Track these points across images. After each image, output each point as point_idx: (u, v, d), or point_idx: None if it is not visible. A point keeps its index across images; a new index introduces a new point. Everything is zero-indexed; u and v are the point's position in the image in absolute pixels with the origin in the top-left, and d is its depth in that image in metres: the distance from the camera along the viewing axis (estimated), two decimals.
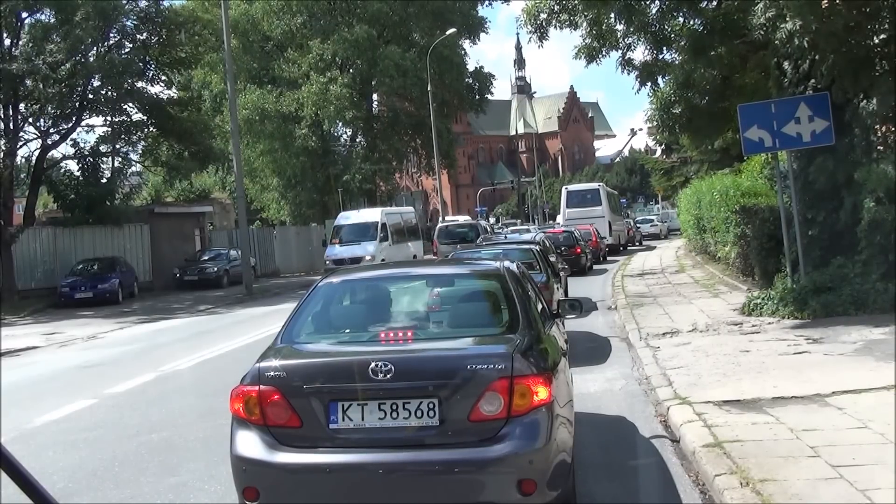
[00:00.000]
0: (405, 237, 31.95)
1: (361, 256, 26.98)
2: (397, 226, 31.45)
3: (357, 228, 29.61)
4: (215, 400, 7.91)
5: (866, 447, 5.17)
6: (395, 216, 32.38)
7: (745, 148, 12.23)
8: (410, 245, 32.04)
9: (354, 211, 33.40)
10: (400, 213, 34.27)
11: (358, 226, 29.74)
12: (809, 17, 9.38)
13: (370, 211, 32.55)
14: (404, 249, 30.48)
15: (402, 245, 30.72)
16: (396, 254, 28.64)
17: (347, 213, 31.98)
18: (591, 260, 26.82)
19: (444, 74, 47.08)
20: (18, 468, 1.62)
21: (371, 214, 30.91)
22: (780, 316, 11.04)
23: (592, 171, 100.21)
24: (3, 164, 27.26)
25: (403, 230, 32.04)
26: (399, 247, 30.13)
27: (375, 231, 29.04)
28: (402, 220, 32.82)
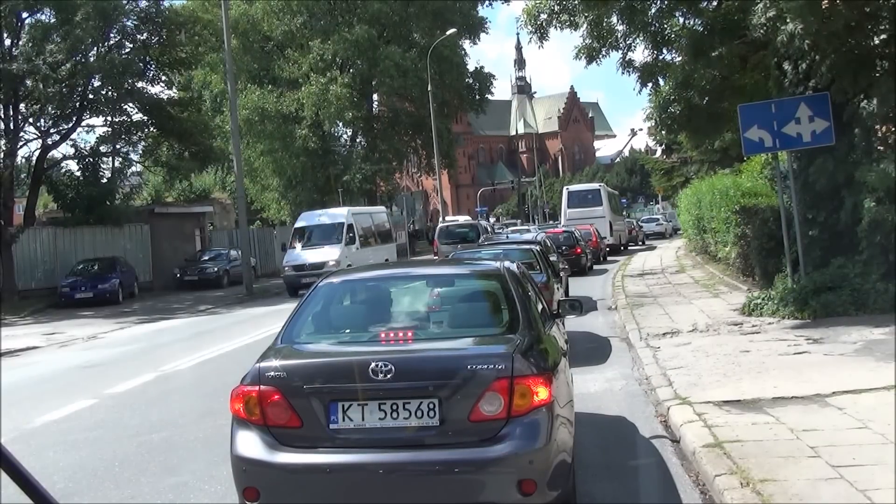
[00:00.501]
0: (376, 240, 29.35)
1: (324, 262, 24.30)
2: (367, 228, 28.87)
3: (320, 230, 26.80)
4: (215, 400, 7.91)
5: (866, 447, 5.17)
6: (364, 217, 29.60)
7: (745, 148, 12.23)
8: (382, 249, 29.17)
9: (318, 211, 30.18)
10: (370, 213, 31.19)
11: (321, 227, 26.88)
12: (809, 17, 9.37)
13: (335, 211, 29.48)
14: (374, 254, 27.61)
15: (372, 249, 27.92)
16: (365, 258, 25.80)
17: (310, 214, 28.76)
18: (592, 260, 26.81)
19: (445, 74, 47.10)
20: (19, 468, 1.62)
21: (336, 215, 27.95)
22: (781, 316, 11.04)
23: (592, 172, 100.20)
24: (4, 164, 27.28)
25: (374, 233, 29.45)
26: (368, 251, 27.33)
27: (341, 233, 26.26)
28: (373, 221, 30.08)
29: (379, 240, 29.58)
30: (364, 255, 26.21)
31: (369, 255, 26.68)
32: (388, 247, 30.31)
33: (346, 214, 27.44)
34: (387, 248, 29.89)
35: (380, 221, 30.90)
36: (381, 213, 32.56)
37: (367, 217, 29.80)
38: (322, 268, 22.95)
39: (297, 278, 24.43)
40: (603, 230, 32.90)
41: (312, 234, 26.66)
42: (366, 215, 30.01)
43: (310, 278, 21.80)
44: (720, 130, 17.09)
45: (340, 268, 22.13)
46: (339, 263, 23.87)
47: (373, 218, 30.27)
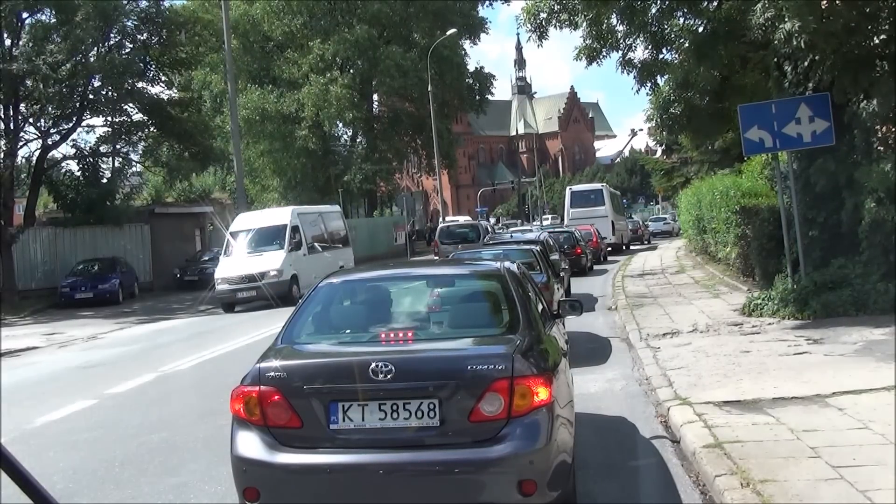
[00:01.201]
0: (328, 245, 25.49)
1: (264, 272, 20.94)
2: (317, 230, 25.08)
3: (260, 234, 22.64)
4: (215, 400, 7.90)
5: (867, 448, 5.17)
6: (312, 217, 25.68)
7: (745, 148, 12.23)
8: (335, 255, 25.15)
9: (256, 212, 26.17)
10: (319, 213, 27.00)
11: (261, 231, 22.77)
12: (808, 17, 9.37)
13: (278, 211, 25.65)
14: (326, 260, 23.56)
15: (323, 255, 24.09)
16: (315, 266, 22.15)
17: (247, 216, 24.51)
18: (592, 260, 26.82)
19: (445, 75, 47.14)
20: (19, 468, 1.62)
21: (278, 215, 23.98)
22: (781, 316, 11.03)
23: (593, 172, 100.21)
24: (4, 164, 27.29)
25: (325, 236, 25.58)
26: (319, 257, 23.62)
27: (284, 237, 22.24)
28: (324, 222, 26.07)
29: (332, 244, 25.84)
30: (313, 263, 22.68)
31: (320, 263, 22.87)
32: (344, 252, 26.36)
33: (290, 215, 23.46)
34: (342, 254, 25.95)
35: (333, 223, 27.09)
36: (334, 212, 28.38)
37: (316, 218, 25.87)
38: (262, 279, 20.63)
39: (231, 293, 21.13)
40: (605, 229, 33.46)
41: (251, 240, 22.68)
42: (315, 216, 26.13)
43: (247, 292, 20.82)
44: (720, 131, 17.09)
45: (283, 278, 20.98)
46: (282, 273, 21.09)
47: (324, 219, 26.26)
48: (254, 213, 25.71)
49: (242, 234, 22.82)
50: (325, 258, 23.64)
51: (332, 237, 26.12)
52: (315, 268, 21.96)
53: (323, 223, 25.81)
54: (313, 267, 22.10)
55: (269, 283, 20.54)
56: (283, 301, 19.49)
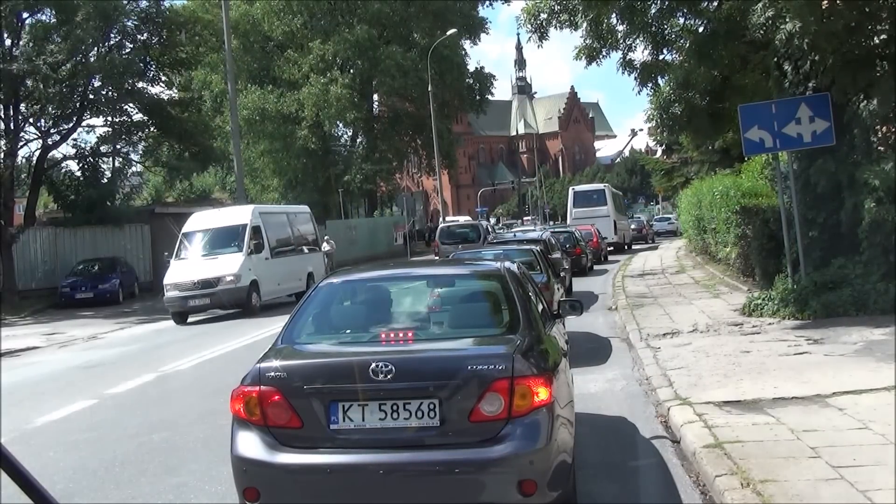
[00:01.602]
0: (295, 248, 22.98)
1: (219, 277, 18.77)
2: (283, 232, 22.58)
3: (216, 235, 20.27)
4: (216, 400, 7.91)
5: (867, 448, 5.17)
6: (277, 217, 23.14)
7: (745, 148, 12.23)
8: (302, 259, 22.91)
9: (213, 210, 23.16)
10: (286, 213, 24.48)
11: (217, 232, 20.36)
12: (809, 17, 9.38)
13: (236, 210, 22.46)
14: (292, 265, 21.85)
15: (288, 259, 21.87)
16: (278, 272, 20.75)
17: (202, 215, 21.77)
18: (592, 260, 26.85)
19: (445, 75, 47.17)
20: (19, 468, 1.62)
21: (237, 215, 21.17)
22: (781, 316, 11.03)
23: (593, 172, 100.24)
24: (4, 164, 27.31)
25: (292, 238, 23.09)
26: (284, 261, 21.43)
27: (242, 239, 19.81)
28: (291, 223, 23.49)
29: (299, 247, 23.29)
30: (277, 268, 20.76)
31: (285, 267, 21.20)
32: (313, 256, 23.93)
33: (250, 214, 20.85)
34: (310, 258, 23.50)
35: (302, 224, 24.38)
36: (303, 213, 25.65)
37: (281, 217, 23.35)
38: (216, 285, 18.68)
39: (182, 301, 18.87)
40: (608, 229, 34.24)
41: (205, 242, 20.29)
42: (280, 215, 23.66)
43: (200, 300, 18.77)
44: (721, 131, 17.09)
45: (241, 284, 18.89)
46: (240, 279, 18.89)
47: (290, 219, 23.70)
48: (210, 211, 22.71)
49: (196, 236, 20.45)
50: (291, 262, 21.84)
51: (300, 240, 23.63)
52: (279, 273, 20.70)
53: (290, 224, 23.38)
54: (277, 272, 20.65)
55: (224, 290, 18.75)
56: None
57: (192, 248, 20.13)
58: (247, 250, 19.65)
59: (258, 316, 18.35)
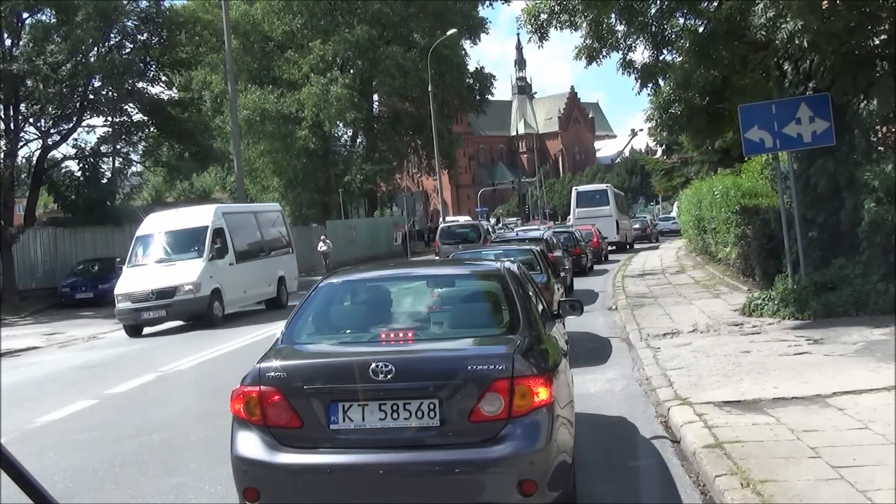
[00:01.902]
0: (264, 250, 20.83)
1: (176, 286, 17.03)
2: (250, 234, 20.56)
3: (174, 239, 18.42)
4: (216, 400, 7.91)
5: (867, 448, 5.17)
6: (243, 218, 20.92)
7: (745, 149, 12.23)
8: (272, 263, 20.81)
9: (171, 211, 20.52)
10: (254, 212, 22.27)
11: (175, 235, 18.43)
12: (810, 17, 9.37)
13: (197, 210, 20.24)
14: (260, 270, 19.93)
15: (256, 263, 19.88)
16: (245, 278, 18.96)
17: (159, 215, 19.70)
18: (592, 260, 26.92)
19: (445, 75, 47.17)
20: (19, 468, 1.62)
21: (198, 216, 19.16)
22: (781, 317, 11.03)
23: (593, 172, 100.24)
24: (4, 164, 27.31)
25: (262, 241, 20.99)
26: (251, 266, 19.51)
27: (203, 242, 18.04)
28: (258, 223, 21.28)
29: (269, 251, 21.17)
30: (243, 274, 18.94)
31: (252, 273, 19.39)
32: (284, 259, 21.80)
33: (212, 215, 18.88)
34: (282, 263, 21.50)
35: (272, 225, 22.25)
36: (273, 211, 23.70)
37: (248, 218, 21.22)
38: (173, 295, 16.95)
39: (134, 313, 17.07)
40: (610, 228, 35.30)
41: (162, 246, 18.41)
42: (246, 215, 21.49)
43: (155, 311, 16.97)
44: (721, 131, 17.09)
45: (201, 293, 17.25)
46: (199, 287, 17.19)
47: (259, 220, 21.52)
48: (168, 212, 20.23)
49: (152, 240, 18.49)
50: (259, 267, 19.96)
51: (269, 241, 21.49)
52: (245, 280, 19.02)
53: (258, 225, 21.23)
54: (243, 278, 18.88)
55: (182, 300, 17.04)
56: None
57: (146, 254, 18.31)
58: (208, 255, 17.91)
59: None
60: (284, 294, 20.93)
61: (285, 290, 21.07)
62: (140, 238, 18.70)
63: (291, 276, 21.76)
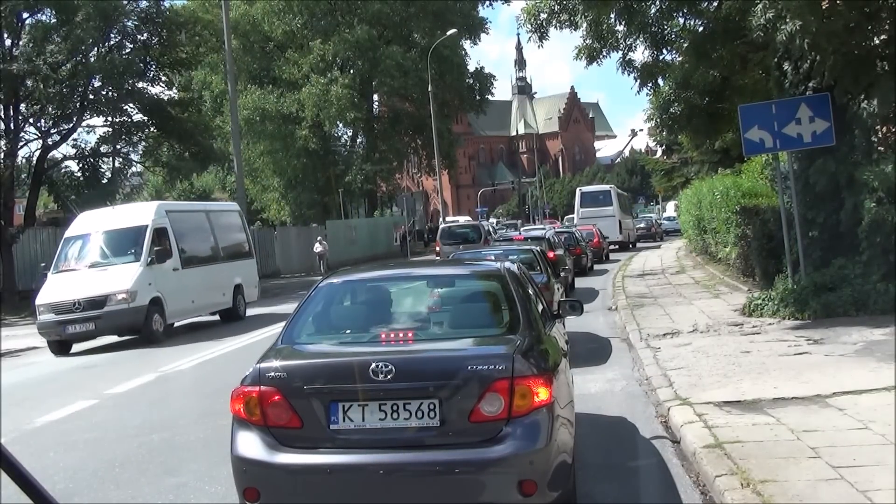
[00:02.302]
0: (218, 255, 18.36)
1: (106, 295, 14.62)
2: (201, 236, 18.06)
3: (107, 241, 15.94)
4: (216, 400, 7.91)
5: (867, 448, 5.17)
6: (191, 217, 18.54)
7: (745, 149, 12.23)
8: (229, 269, 18.33)
9: (106, 209, 18.07)
10: (205, 211, 19.72)
11: (109, 236, 15.96)
12: (809, 17, 9.37)
13: (135, 208, 18.00)
14: (212, 276, 17.45)
15: (207, 269, 17.47)
16: (192, 285, 16.65)
17: (92, 214, 17.09)
18: (593, 260, 27.03)
19: (445, 75, 47.20)
20: (19, 468, 1.62)
21: (136, 214, 16.63)
22: (781, 317, 11.03)
23: (593, 172, 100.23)
24: (4, 164, 27.34)
25: (215, 244, 18.40)
26: (201, 272, 17.11)
27: (142, 244, 15.49)
28: (211, 224, 18.58)
29: (223, 255, 18.61)
30: (190, 281, 16.59)
31: (201, 280, 17.01)
32: (242, 265, 19.24)
33: (153, 213, 16.37)
34: (239, 268, 18.95)
35: (226, 225, 19.53)
36: (229, 211, 20.93)
37: (198, 217, 18.72)
38: (103, 306, 14.55)
39: (58, 326, 14.69)
40: (613, 228, 36.45)
41: (93, 249, 15.93)
42: (196, 214, 19.03)
43: (81, 325, 14.54)
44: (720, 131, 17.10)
45: (137, 303, 14.76)
46: (135, 296, 14.77)
47: (212, 220, 18.81)
48: (102, 210, 17.64)
49: (82, 241, 16.01)
50: (210, 273, 17.44)
51: (225, 244, 18.90)
52: (193, 288, 16.62)
53: (211, 225, 18.57)
54: (190, 287, 16.50)
55: (114, 312, 14.53)
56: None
57: (75, 258, 15.80)
58: (146, 259, 15.35)
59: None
60: (242, 304, 18.64)
61: (243, 299, 18.76)
62: (69, 239, 16.24)
63: (251, 284, 19.41)
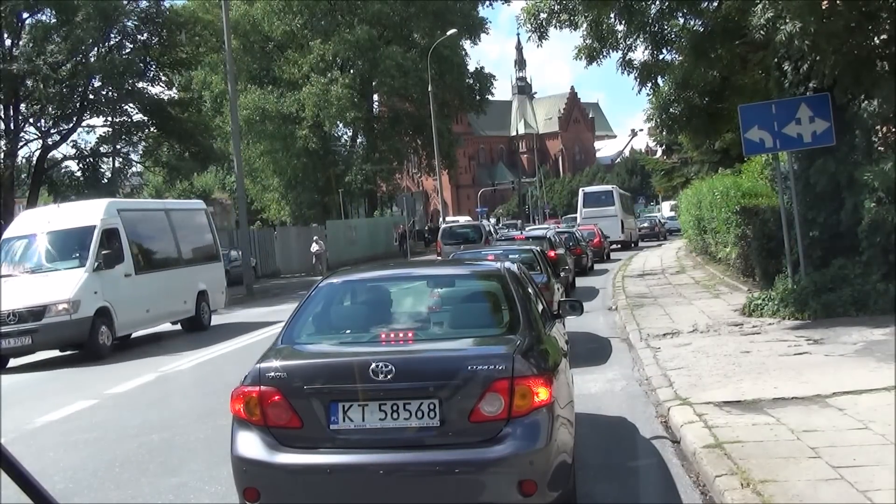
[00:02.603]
0: (179, 259, 16.63)
1: (45, 305, 13.01)
2: (156, 236, 16.25)
3: (50, 243, 14.18)
4: (216, 400, 7.91)
5: (867, 448, 5.17)
6: (148, 217, 16.64)
7: (745, 149, 12.23)
8: (191, 274, 16.65)
9: (50, 207, 17.07)
10: (164, 209, 17.53)
11: (52, 238, 14.19)
12: (809, 17, 9.37)
13: (82, 206, 15.47)
14: (172, 282, 15.79)
15: (166, 274, 15.84)
16: (147, 293, 14.90)
17: (34, 213, 16.11)
18: (594, 259, 27.12)
19: (445, 75, 47.22)
20: (19, 468, 1.62)
21: (82, 213, 14.62)
22: (781, 317, 11.03)
23: (593, 172, 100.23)
24: (4, 164, 27.35)
25: (173, 245, 16.60)
26: (158, 277, 15.47)
27: (88, 247, 13.79)
28: (173, 225, 16.68)
29: (186, 259, 16.87)
30: (145, 287, 14.86)
31: (159, 286, 15.28)
32: (207, 269, 17.47)
33: (102, 211, 14.44)
34: (202, 272, 17.13)
35: (190, 225, 17.66)
36: (193, 209, 18.86)
37: (156, 217, 16.74)
38: (41, 317, 12.97)
39: None
40: (615, 228, 37.31)
41: (33, 252, 14.20)
42: (154, 213, 17.05)
43: (16, 339, 12.96)
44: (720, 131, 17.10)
45: (80, 314, 13.14)
46: (77, 306, 13.13)
47: (173, 220, 16.82)
48: (47, 208, 16.39)
49: (23, 244, 14.28)
50: (170, 280, 15.78)
51: (187, 248, 17.08)
52: (149, 296, 14.89)
53: (173, 227, 16.63)
54: (146, 294, 14.79)
55: (53, 324, 13.01)
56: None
57: (13, 262, 14.09)
58: (92, 264, 13.61)
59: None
60: (206, 312, 16.91)
61: (208, 307, 16.97)
62: (9, 240, 14.49)
63: (217, 290, 17.68)
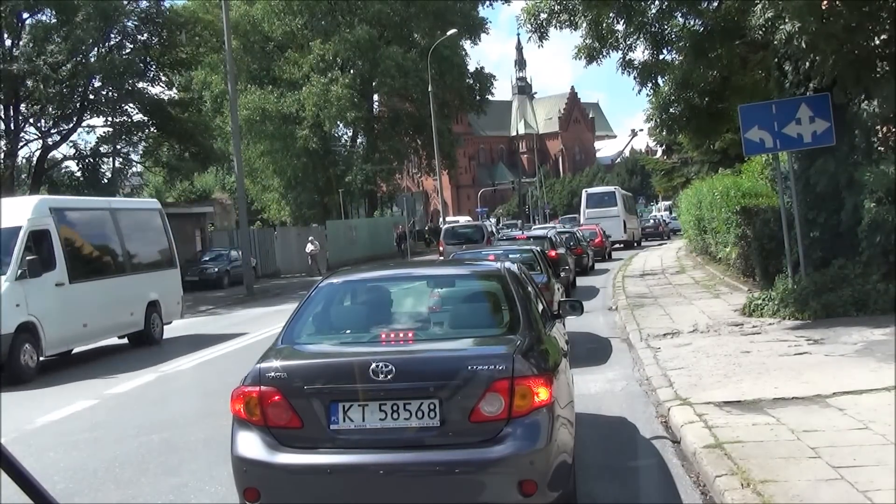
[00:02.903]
0: (125, 265, 14.75)
1: None
2: (100, 240, 14.35)
3: None
4: (216, 400, 7.91)
5: (867, 448, 5.17)
6: (88, 216, 14.40)
7: (745, 149, 12.23)
8: (140, 282, 14.81)
9: None
10: (108, 208, 15.12)
11: None
12: (808, 18, 9.37)
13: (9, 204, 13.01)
14: (116, 292, 13.94)
15: (109, 282, 14.00)
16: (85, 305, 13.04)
17: None
18: (594, 259, 27.22)
19: (445, 75, 47.23)
20: (19, 468, 1.62)
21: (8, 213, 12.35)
22: (781, 317, 11.03)
23: (593, 172, 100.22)
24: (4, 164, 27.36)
25: (118, 250, 14.64)
26: (101, 286, 13.68)
27: (10, 254, 11.82)
28: (119, 226, 14.68)
29: (134, 266, 15.04)
30: (84, 298, 13.03)
31: (99, 297, 13.45)
32: (159, 277, 15.65)
33: (30, 211, 12.50)
34: (153, 281, 15.28)
35: (140, 227, 15.67)
36: (146, 211, 16.64)
37: (98, 216, 14.60)
38: None
39: None
40: (618, 228, 37.96)
41: None
42: (97, 213, 14.73)
43: None
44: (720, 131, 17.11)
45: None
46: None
47: (119, 220, 14.81)
48: None
49: None
50: (113, 289, 13.94)
51: (136, 254, 15.23)
52: (86, 307, 13.07)
53: (119, 228, 14.66)
54: (82, 306, 12.99)
55: None
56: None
57: None
58: (14, 272, 11.72)
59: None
60: (158, 326, 15.06)
61: (159, 319, 15.12)
62: None
63: (171, 300, 15.79)
